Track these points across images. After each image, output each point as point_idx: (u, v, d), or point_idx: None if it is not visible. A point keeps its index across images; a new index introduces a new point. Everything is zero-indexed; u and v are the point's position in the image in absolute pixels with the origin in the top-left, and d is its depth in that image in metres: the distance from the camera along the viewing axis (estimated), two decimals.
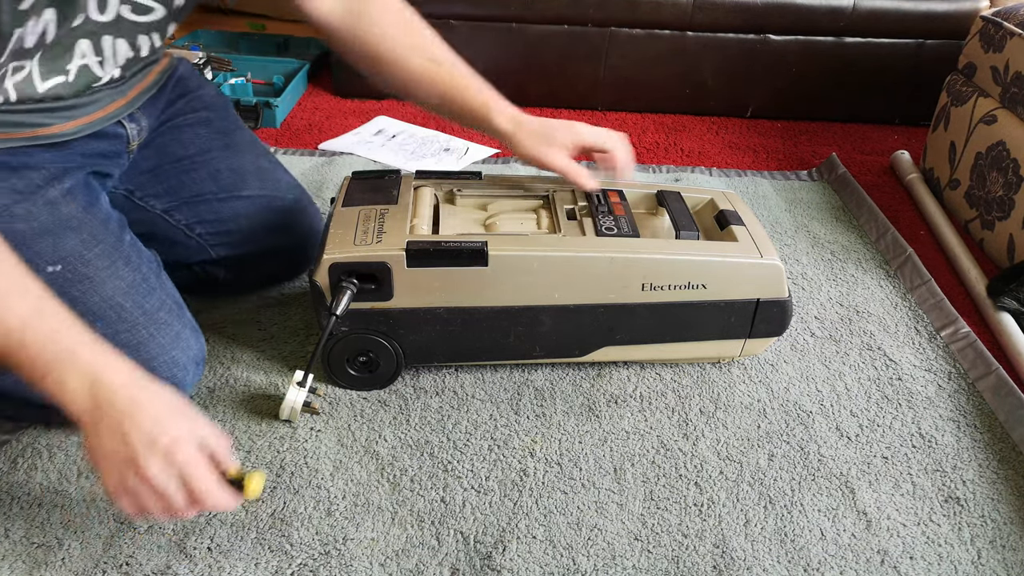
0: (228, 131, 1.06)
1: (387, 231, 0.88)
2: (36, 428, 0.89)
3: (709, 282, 0.92)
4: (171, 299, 0.87)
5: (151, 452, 0.62)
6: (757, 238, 0.95)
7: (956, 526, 0.83)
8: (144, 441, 0.62)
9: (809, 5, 1.73)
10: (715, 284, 0.92)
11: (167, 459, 0.62)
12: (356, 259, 0.86)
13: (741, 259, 0.92)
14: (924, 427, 0.96)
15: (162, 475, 0.62)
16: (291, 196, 1.07)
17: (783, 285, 0.94)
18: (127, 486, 0.63)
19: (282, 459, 0.87)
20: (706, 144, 1.75)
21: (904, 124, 1.89)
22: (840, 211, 1.47)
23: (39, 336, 0.62)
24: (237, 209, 1.03)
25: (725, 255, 0.92)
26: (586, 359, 0.99)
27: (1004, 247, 1.30)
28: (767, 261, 0.92)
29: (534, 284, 0.90)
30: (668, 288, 0.92)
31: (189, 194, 1.01)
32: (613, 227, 0.93)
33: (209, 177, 1.02)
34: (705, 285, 0.92)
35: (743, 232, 0.95)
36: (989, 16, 1.42)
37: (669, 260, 0.91)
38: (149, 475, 0.62)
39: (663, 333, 0.96)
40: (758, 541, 0.80)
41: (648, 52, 1.80)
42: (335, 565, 0.75)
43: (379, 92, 1.86)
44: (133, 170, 0.98)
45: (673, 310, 0.94)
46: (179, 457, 0.63)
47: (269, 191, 1.05)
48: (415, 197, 0.97)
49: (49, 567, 0.74)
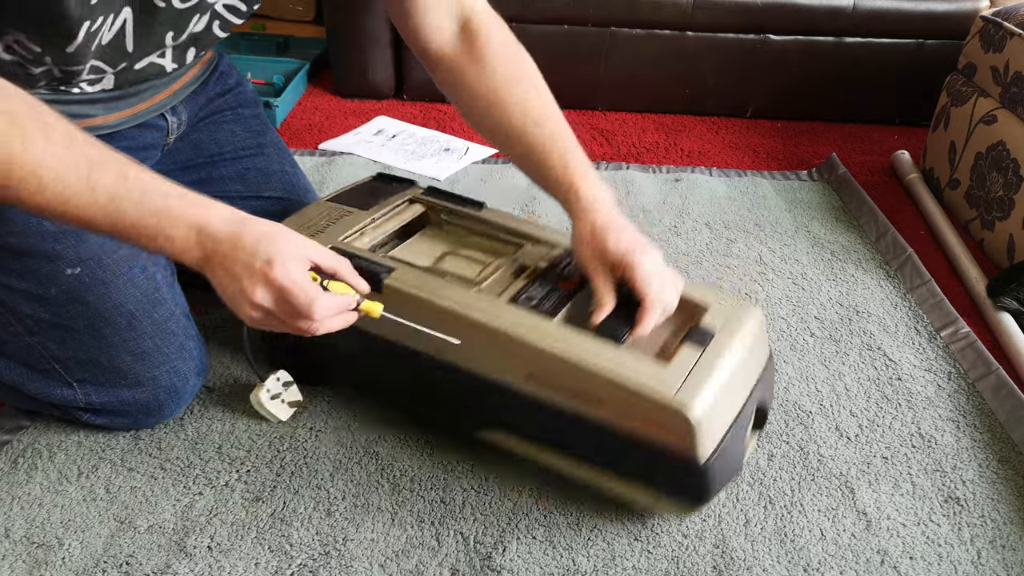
0: (260, 131, 1.07)
1: (324, 232, 0.87)
2: (36, 428, 0.89)
3: (605, 399, 0.72)
4: (180, 309, 0.88)
5: (251, 279, 0.64)
6: (701, 371, 0.72)
7: (956, 526, 0.83)
8: (244, 271, 0.64)
9: (809, 5, 1.73)
10: (611, 404, 0.72)
11: (265, 282, 0.64)
12: None
13: (641, 386, 0.70)
14: (924, 427, 0.96)
15: (265, 298, 0.64)
16: (307, 201, 1.08)
17: (694, 442, 0.69)
18: (251, 316, 0.66)
19: (282, 459, 0.87)
20: (706, 144, 1.75)
21: (904, 124, 1.89)
22: (840, 211, 1.47)
23: (130, 204, 0.63)
24: (256, 208, 1.03)
25: (626, 373, 0.71)
26: (483, 437, 0.84)
27: (1004, 247, 1.30)
28: (674, 404, 0.68)
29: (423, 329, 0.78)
30: (555, 387, 0.74)
31: (216, 191, 1.01)
32: (535, 298, 0.78)
33: (237, 176, 1.03)
34: (600, 399, 0.72)
35: (692, 358, 0.73)
36: (989, 16, 1.42)
37: (553, 355, 0.73)
38: (256, 301, 0.65)
39: (556, 441, 0.79)
40: (758, 541, 0.80)
41: (648, 52, 1.80)
42: (335, 566, 0.75)
43: (379, 92, 1.87)
44: (165, 160, 0.99)
45: (561, 417, 0.75)
46: (273, 278, 0.64)
47: (288, 194, 1.06)
48: (393, 210, 0.94)
49: (49, 567, 0.74)
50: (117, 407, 0.85)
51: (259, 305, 0.65)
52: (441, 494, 0.83)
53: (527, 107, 0.81)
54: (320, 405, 0.93)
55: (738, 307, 0.80)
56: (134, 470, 0.85)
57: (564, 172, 0.79)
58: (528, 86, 0.83)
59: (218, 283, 0.66)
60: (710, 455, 0.71)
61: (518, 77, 0.83)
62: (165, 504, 0.81)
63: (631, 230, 0.76)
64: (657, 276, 0.73)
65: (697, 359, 0.73)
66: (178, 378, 0.86)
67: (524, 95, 0.82)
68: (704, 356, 0.74)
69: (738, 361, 0.75)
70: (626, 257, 0.73)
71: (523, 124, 0.81)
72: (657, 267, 0.74)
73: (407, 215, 0.94)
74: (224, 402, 0.93)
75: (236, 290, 0.65)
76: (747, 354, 0.77)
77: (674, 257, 1.29)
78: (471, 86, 0.83)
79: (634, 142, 1.73)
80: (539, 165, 0.81)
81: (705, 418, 0.69)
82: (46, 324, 0.81)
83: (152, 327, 0.83)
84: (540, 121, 0.81)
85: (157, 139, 0.94)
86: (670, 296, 0.74)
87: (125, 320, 0.82)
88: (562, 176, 0.79)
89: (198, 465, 0.85)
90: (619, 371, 0.71)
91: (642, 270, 0.72)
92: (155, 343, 0.84)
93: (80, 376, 0.83)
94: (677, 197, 1.48)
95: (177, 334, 0.86)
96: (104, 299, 0.81)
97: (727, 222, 1.41)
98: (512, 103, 0.82)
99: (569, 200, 0.78)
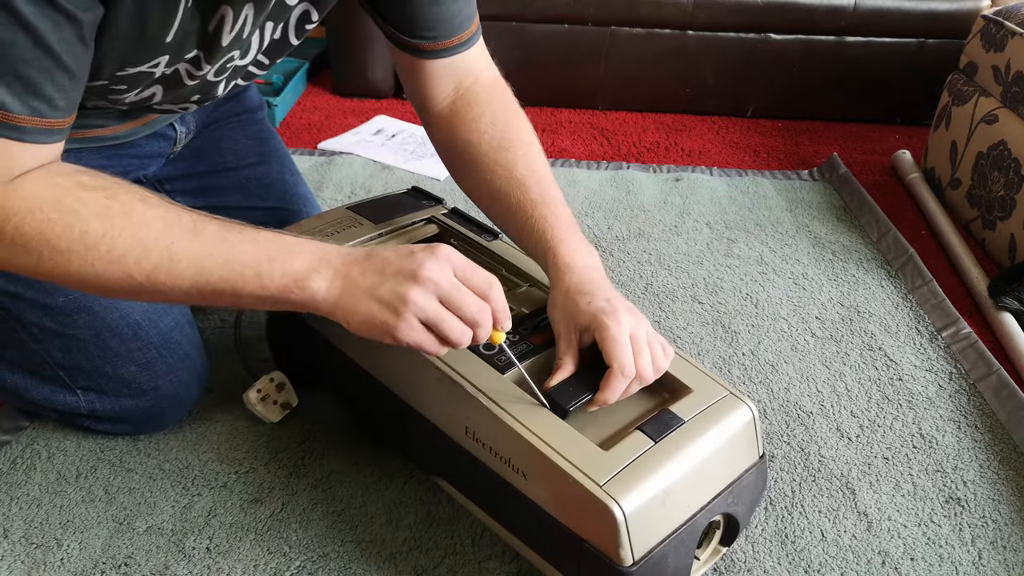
0: (263, 138, 1.07)
1: (327, 240, 0.86)
2: (36, 429, 0.89)
3: (529, 472, 0.66)
4: (185, 318, 0.88)
5: (411, 262, 0.61)
6: (645, 463, 0.64)
7: (957, 527, 0.83)
8: (399, 261, 0.62)
9: (810, 4, 1.73)
10: (536, 481, 0.66)
11: (434, 255, 0.62)
12: None
13: (568, 467, 0.63)
14: (925, 428, 0.96)
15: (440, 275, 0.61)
16: (305, 211, 1.08)
17: (617, 541, 0.61)
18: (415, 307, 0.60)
19: (281, 460, 0.86)
20: (707, 144, 1.75)
21: (905, 124, 1.88)
22: (841, 211, 1.46)
23: (244, 243, 0.61)
24: (254, 219, 1.03)
25: (556, 448, 0.64)
26: (436, 480, 0.80)
27: (1005, 247, 1.29)
28: (599, 494, 0.61)
29: (383, 357, 0.77)
30: (488, 450, 0.69)
31: (216, 200, 1.02)
32: (494, 348, 0.72)
33: (237, 186, 1.03)
34: (525, 474, 0.66)
35: (640, 446, 0.65)
36: (990, 15, 1.41)
37: (490, 415, 0.67)
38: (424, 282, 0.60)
39: (487, 504, 0.74)
40: (758, 542, 0.80)
41: (648, 51, 1.79)
42: (333, 567, 0.75)
43: (378, 91, 1.86)
44: (167, 167, 0.99)
45: (492, 481, 0.69)
46: (443, 254, 0.62)
47: (287, 204, 1.06)
48: (405, 227, 0.90)
49: (48, 567, 0.74)
50: (119, 415, 0.85)
51: (427, 291, 0.60)
52: (440, 495, 0.83)
53: (513, 171, 0.79)
54: (319, 407, 0.93)
55: (726, 399, 0.71)
56: (133, 471, 0.84)
57: (543, 236, 0.76)
58: (517, 152, 0.81)
59: (353, 299, 0.61)
60: (637, 560, 0.62)
61: (508, 144, 0.81)
62: (164, 505, 0.81)
63: (608, 295, 0.70)
64: (623, 342, 0.66)
65: (646, 449, 0.65)
66: (181, 387, 0.86)
67: (512, 160, 0.80)
68: (656, 447, 0.65)
69: (698, 461, 0.66)
70: (595, 319, 0.67)
71: (507, 187, 0.79)
72: (626, 333, 0.66)
73: (417, 234, 0.90)
74: (223, 403, 0.93)
75: (389, 291, 0.60)
76: (713, 455, 0.68)
77: (675, 257, 1.29)
78: (459, 146, 0.83)
79: (634, 141, 1.72)
80: (520, 227, 0.78)
81: (636, 517, 0.61)
82: (51, 332, 0.80)
83: (158, 337, 0.83)
84: (525, 185, 0.78)
85: (164, 148, 0.94)
86: (643, 365, 0.67)
87: (131, 330, 0.82)
88: (541, 239, 0.76)
89: (197, 466, 0.85)
90: (549, 445, 0.64)
91: (609, 333, 0.66)
92: (159, 353, 0.83)
93: (84, 384, 0.83)
94: (678, 197, 1.48)
95: (182, 343, 0.85)
96: (110, 309, 0.81)
97: (728, 222, 1.41)
98: (498, 165, 0.80)
99: (547, 262, 0.75)
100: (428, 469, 0.81)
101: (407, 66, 0.83)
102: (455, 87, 0.84)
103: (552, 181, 0.80)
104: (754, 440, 0.72)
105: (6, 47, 0.53)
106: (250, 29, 0.72)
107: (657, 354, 0.69)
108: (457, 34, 0.81)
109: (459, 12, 0.80)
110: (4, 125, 0.55)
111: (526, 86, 2.07)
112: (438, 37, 0.80)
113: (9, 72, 0.54)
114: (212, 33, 0.68)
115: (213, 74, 0.74)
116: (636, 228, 1.37)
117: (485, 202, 0.83)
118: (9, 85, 0.54)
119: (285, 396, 0.91)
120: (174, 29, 0.64)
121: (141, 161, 0.92)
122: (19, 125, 0.56)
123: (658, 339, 0.70)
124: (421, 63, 0.82)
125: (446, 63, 0.82)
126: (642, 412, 0.71)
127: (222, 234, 0.61)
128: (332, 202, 1.40)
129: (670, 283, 1.22)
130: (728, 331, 1.12)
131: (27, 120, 0.56)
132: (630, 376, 0.66)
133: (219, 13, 0.66)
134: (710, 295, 1.20)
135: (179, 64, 0.69)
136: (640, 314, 0.70)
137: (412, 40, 0.81)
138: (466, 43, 0.83)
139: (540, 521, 0.66)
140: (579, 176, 1.53)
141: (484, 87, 0.84)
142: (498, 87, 0.86)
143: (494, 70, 0.87)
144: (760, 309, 1.17)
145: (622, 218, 1.40)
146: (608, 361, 0.66)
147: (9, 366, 0.84)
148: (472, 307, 0.62)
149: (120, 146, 0.87)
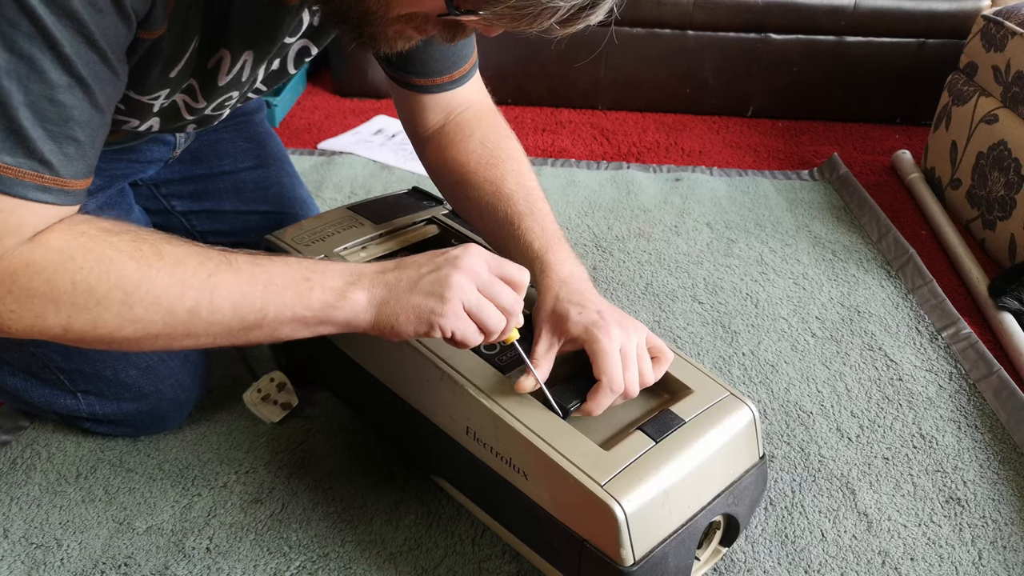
0: (261, 141, 1.07)
1: (326, 240, 0.85)
2: (36, 429, 0.89)
3: (529, 472, 0.66)
4: None
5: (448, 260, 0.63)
6: (646, 463, 0.64)
7: (957, 527, 0.83)
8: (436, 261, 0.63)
9: (810, 4, 1.73)
10: (536, 481, 0.66)
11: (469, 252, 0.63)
12: (282, 245, 0.85)
13: (570, 467, 0.63)
14: (925, 428, 0.96)
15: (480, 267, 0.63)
16: (302, 214, 1.08)
17: (618, 541, 0.61)
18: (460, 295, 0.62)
19: (280, 460, 0.86)
20: (707, 143, 1.75)
21: (905, 123, 1.88)
22: (841, 211, 1.46)
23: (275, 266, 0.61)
24: (250, 223, 1.04)
25: (558, 448, 0.64)
26: (437, 480, 0.81)
27: (1006, 247, 1.29)
28: (600, 494, 0.61)
29: (384, 357, 0.77)
30: (489, 449, 0.69)
31: (212, 204, 1.02)
32: (496, 348, 0.72)
33: (234, 191, 1.03)
34: (526, 474, 0.67)
35: (641, 446, 0.65)
36: (990, 15, 1.41)
37: (490, 414, 0.67)
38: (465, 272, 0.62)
39: (487, 503, 0.74)
40: (758, 542, 0.80)
41: (649, 51, 1.79)
42: (333, 567, 0.75)
43: (378, 91, 1.86)
44: (164, 171, 0.99)
45: (492, 480, 0.70)
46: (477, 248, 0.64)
47: (284, 208, 1.06)
48: (405, 228, 0.89)
49: (48, 567, 0.74)
50: (120, 417, 0.85)
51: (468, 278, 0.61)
52: (439, 495, 0.83)
53: (501, 186, 0.80)
54: (319, 407, 0.93)
55: (727, 400, 0.71)
56: (133, 471, 0.84)
57: (531, 246, 0.76)
58: (507, 168, 0.81)
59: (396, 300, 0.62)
60: (637, 560, 0.62)
61: (497, 161, 0.82)
62: (163, 505, 0.81)
63: (599, 307, 0.70)
64: (613, 357, 0.66)
65: (646, 449, 0.65)
66: (182, 390, 0.86)
67: (500, 176, 0.81)
68: (657, 447, 0.65)
69: (698, 461, 0.66)
70: (587, 332, 0.67)
71: (495, 201, 0.79)
72: (616, 347, 0.66)
73: (417, 235, 0.89)
74: (223, 404, 0.93)
75: (431, 281, 0.61)
76: (714, 456, 0.68)
77: (675, 257, 1.29)
78: (448, 165, 0.84)
79: (634, 141, 1.72)
80: (507, 238, 0.78)
81: (637, 517, 0.61)
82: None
83: None
84: (513, 199, 0.79)
85: (164, 153, 0.94)
86: (630, 379, 0.67)
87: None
88: (528, 248, 0.76)
89: (196, 466, 0.85)
90: (550, 444, 0.64)
91: (600, 347, 0.66)
92: (161, 356, 0.83)
93: (84, 387, 0.83)
94: (678, 197, 1.48)
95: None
96: None
97: (728, 222, 1.41)
98: (487, 182, 0.81)
99: (535, 270, 0.74)
100: (428, 469, 0.81)
101: (400, 96, 0.85)
102: (446, 115, 0.85)
103: (541, 196, 0.81)
104: (754, 441, 0.72)
105: (67, 110, 0.53)
106: (249, 73, 0.73)
107: (645, 368, 0.69)
108: (449, 72, 0.82)
109: (453, 53, 0.81)
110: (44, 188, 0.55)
111: (526, 86, 2.07)
112: (431, 74, 0.81)
113: (63, 135, 0.54)
114: (210, 70, 0.69)
115: (211, 109, 0.75)
116: (636, 228, 1.37)
117: (475, 217, 0.83)
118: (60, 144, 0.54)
119: (285, 396, 0.91)
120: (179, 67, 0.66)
121: (140, 165, 0.92)
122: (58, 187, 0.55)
123: (657, 342, 0.71)
124: (414, 95, 0.83)
125: (439, 96, 0.83)
126: (643, 412, 0.71)
127: (254, 261, 0.61)
128: (332, 202, 1.40)
129: (670, 283, 1.22)
130: (728, 331, 1.12)
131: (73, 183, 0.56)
132: (618, 391, 0.66)
133: (217, 55, 0.67)
134: (710, 295, 1.20)
135: (177, 96, 0.70)
136: (632, 323, 0.70)
137: (405, 76, 0.82)
138: (459, 80, 0.83)
139: (541, 521, 0.66)
140: (579, 176, 1.53)
141: (475, 114, 0.85)
142: (489, 113, 0.86)
143: (488, 100, 0.88)
144: (760, 309, 1.17)
145: (622, 218, 1.40)
146: (597, 375, 0.66)
147: (9, 369, 0.83)
148: (508, 296, 0.63)
149: (120, 150, 0.87)
